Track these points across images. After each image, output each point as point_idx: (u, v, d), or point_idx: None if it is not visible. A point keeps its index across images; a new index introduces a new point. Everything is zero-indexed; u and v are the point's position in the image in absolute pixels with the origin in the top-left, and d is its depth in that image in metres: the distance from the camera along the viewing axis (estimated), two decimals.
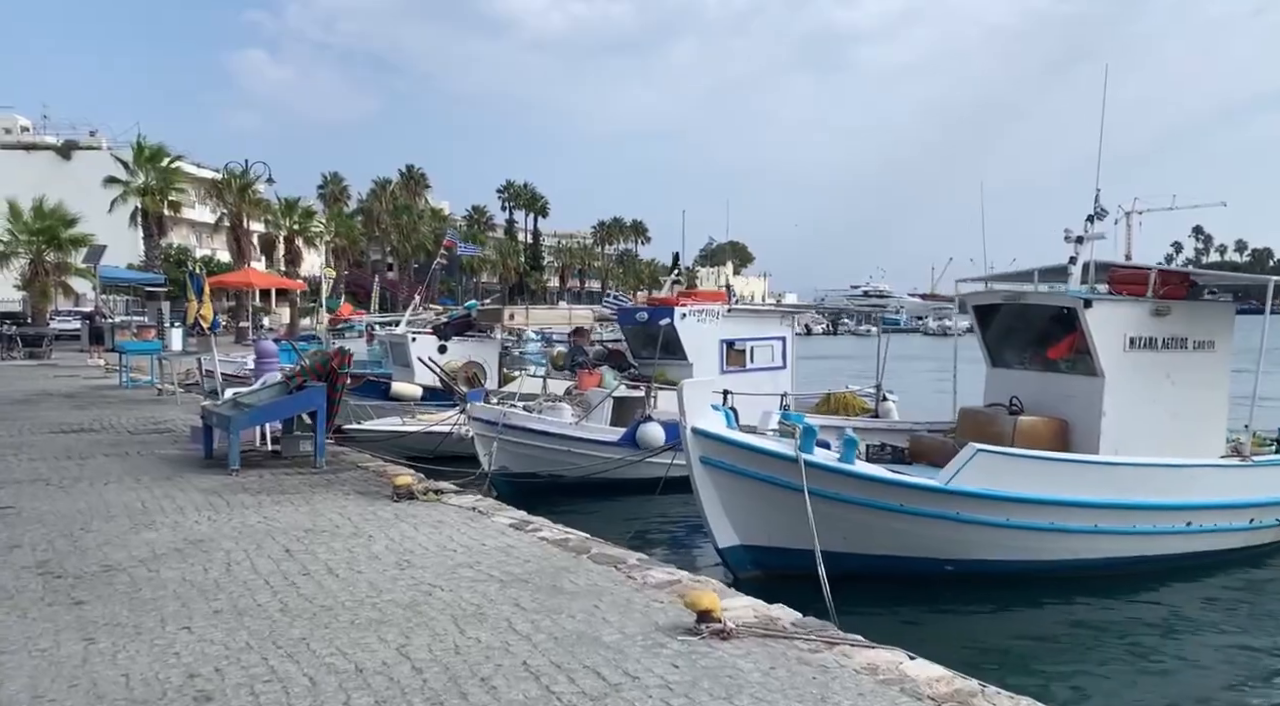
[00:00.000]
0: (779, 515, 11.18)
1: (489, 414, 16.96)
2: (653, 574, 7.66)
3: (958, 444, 13.06)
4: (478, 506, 10.53)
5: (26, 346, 38.99)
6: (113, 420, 18.73)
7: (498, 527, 9.54)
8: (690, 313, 19.41)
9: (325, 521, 9.77)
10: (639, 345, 20.94)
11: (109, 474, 12.60)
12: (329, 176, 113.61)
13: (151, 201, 54.84)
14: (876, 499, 11.04)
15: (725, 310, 19.92)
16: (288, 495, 11.21)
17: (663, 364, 19.28)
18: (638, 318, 20.71)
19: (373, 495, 11.24)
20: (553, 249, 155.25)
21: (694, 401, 11.34)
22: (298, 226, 75.26)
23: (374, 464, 13.79)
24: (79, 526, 9.50)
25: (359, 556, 8.34)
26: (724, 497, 11.41)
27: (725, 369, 19.48)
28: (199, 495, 11.16)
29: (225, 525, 9.58)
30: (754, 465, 11.15)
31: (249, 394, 14.55)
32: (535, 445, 17.13)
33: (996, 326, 14.46)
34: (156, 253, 58.00)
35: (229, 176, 61.62)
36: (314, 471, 12.91)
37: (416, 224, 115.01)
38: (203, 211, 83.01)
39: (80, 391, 25.12)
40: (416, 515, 10.09)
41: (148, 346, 29.37)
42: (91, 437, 16.19)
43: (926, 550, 11.33)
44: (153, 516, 9.98)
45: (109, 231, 50.03)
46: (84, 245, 46.13)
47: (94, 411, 20.38)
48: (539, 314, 26.97)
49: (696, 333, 19.35)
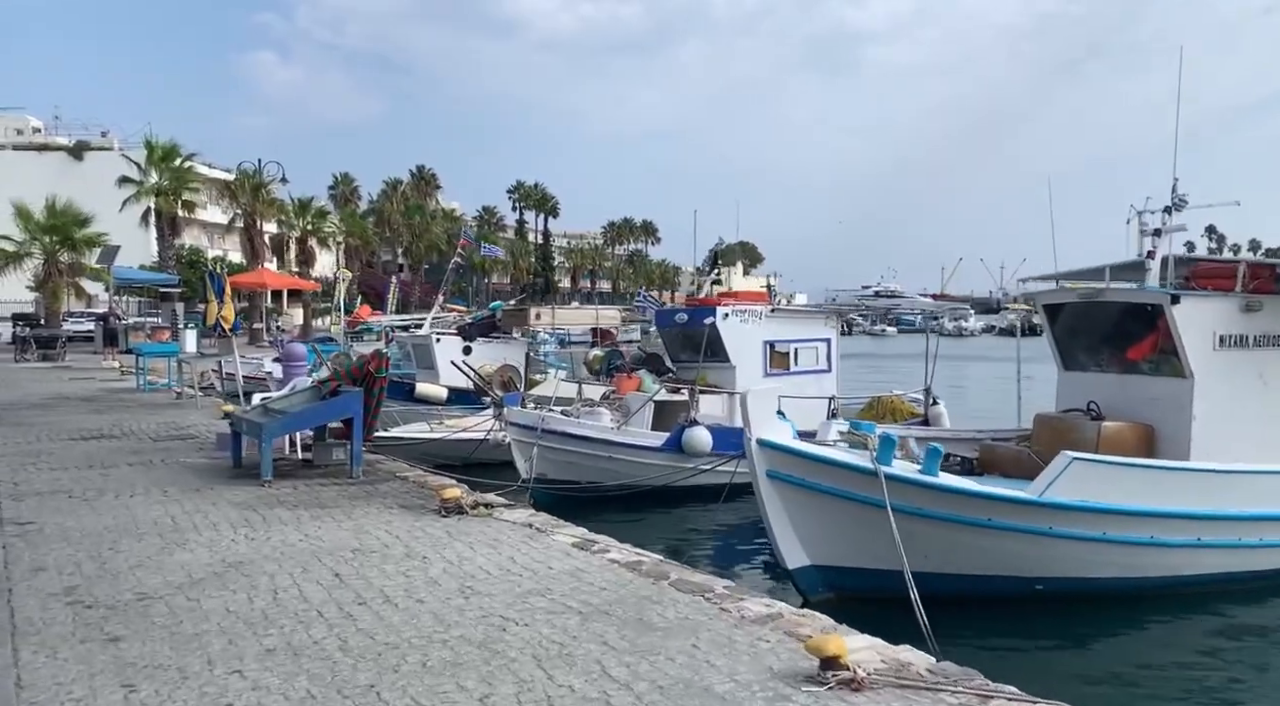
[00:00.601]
0: (854, 533, 10.42)
1: (527, 419, 16.23)
2: (748, 606, 6.89)
3: (1034, 453, 12.30)
4: (533, 522, 9.77)
5: (40, 348, 38.34)
6: (133, 425, 18.03)
7: (560, 547, 8.78)
8: (732, 313, 18.62)
9: (372, 540, 9.02)
10: (677, 348, 20.16)
11: (134, 485, 11.88)
12: (339, 177, 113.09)
13: (165, 201, 54.17)
14: (963, 513, 10.25)
15: (768, 311, 19.10)
16: (327, 509, 10.47)
17: (704, 367, 18.51)
18: (677, 319, 19.90)
19: (418, 509, 10.50)
20: (563, 249, 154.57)
21: (758, 411, 10.58)
22: (311, 227, 74.56)
23: (413, 474, 13.04)
24: (107, 546, 8.77)
25: (416, 581, 7.60)
26: (793, 514, 10.64)
27: (768, 372, 18.71)
28: (232, 509, 10.43)
29: (264, 544, 8.84)
30: (827, 479, 10.38)
31: (279, 399, 13.82)
32: (575, 451, 16.40)
33: (1070, 326, 13.66)
34: (170, 253, 57.35)
35: (242, 176, 61.00)
36: (351, 482, 12.17)
37: (429, 224, 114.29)
38: (214, 212, 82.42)
39: (97, 395, 24.45)
40: (469, 533, 9.34)
41: (165, 348, 28.66)
42: (113, 445, 15.48)
43: (1015, 568, 10.53)
44: (185, 534, 9.25)
45: (121, 232, 49.41)
46: (97, 245, 45.50)
47: (113, 416, 19.68)
48: (565, 315, 26.26)
49: (739, 334, 18.57)
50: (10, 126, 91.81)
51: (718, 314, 18.45)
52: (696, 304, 19.78)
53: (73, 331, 45.71)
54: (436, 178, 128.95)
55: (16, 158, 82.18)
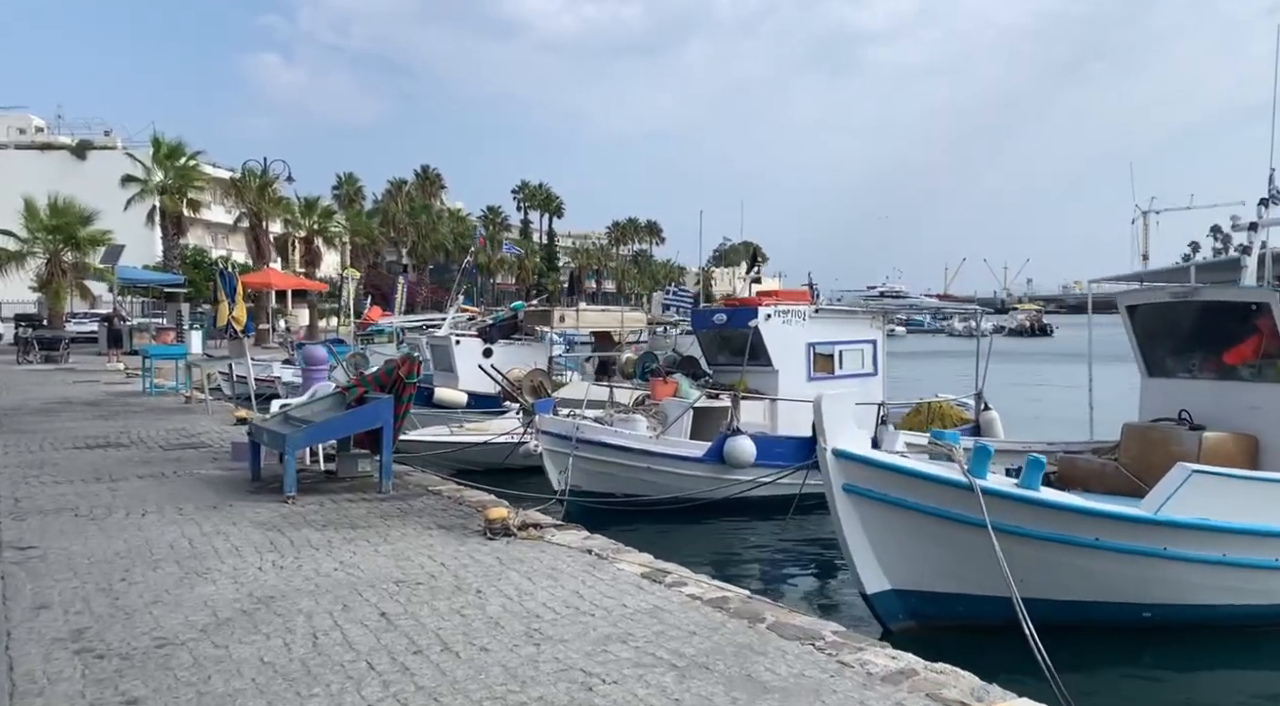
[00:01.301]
0: (943, 554, 9.45)
1: (561, 427, 15.25)
2: (870, 658, 5.90)
3: (1122, 466, 11.31)
4: (591, 547, 8.79)
5: (43, 350, 37.42)
6: (141, 432, 17.06)
7: (629, 579, 7.79)
8: (775, 313, 17.57)
9: (416, 568, 8.05)
10: (715, 350, 19.15)
11: (145, 500, 10.91)
12: (344, 177, 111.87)
13: (170, 200, 53.24)
14: (1068, 532, 9.24)
15: (812, 311, 18.06)
16: (359, 530, 9.49)
17: (747, 370, 17.50)
18: (715, 320, 18.84)
19: (459, 530, 9.52)
20: (568, 249, 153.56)
21: (834, 417, 9.60)
22: (317, 226, 73.59)
23: (446, 487, 12.05)
24: (119, 576, 7.80)
25: (474, 622, 6.62)
26: (873, 534, 9.66)
27: (812, 376, 17.68)
28: (255, 530, 9.46)
29: (296, 574, 7.87)
30: (913, 494, 9.39)
31: (300, 406, 12.85)
32: (611, 461, 15.41)
33: (1155, 329, 12.64)
34: (175, 253, 56.44)
35: (249, 175, 60.01)
36: (381, 498, 11.19)
37: (436, 224, 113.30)
38: (218, 211, 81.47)
39: (102, 399, 23.48)
40: (522, 559, 8.36)
41: (173, 350, 27.74)
42: (121, 454, 14.51)
43: (1123, 593, 9.53)
44: (206, 561, 8.28)
45: (125, 231, 48.42)
46: (101, 244, 44.54)
47: (120, 422, 18.73)
48: (591, 316, 25.19)
49: (782, 336, 17.54)
50: (12, 125, 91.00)
51: (759, 315, 17.42)
52: (736, 304, 18.72)
53: (76, 332, 44.82)
54: (441, 178, 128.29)
55: (19, 157, 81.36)
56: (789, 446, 15.98)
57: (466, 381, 24.04)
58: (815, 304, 18.37)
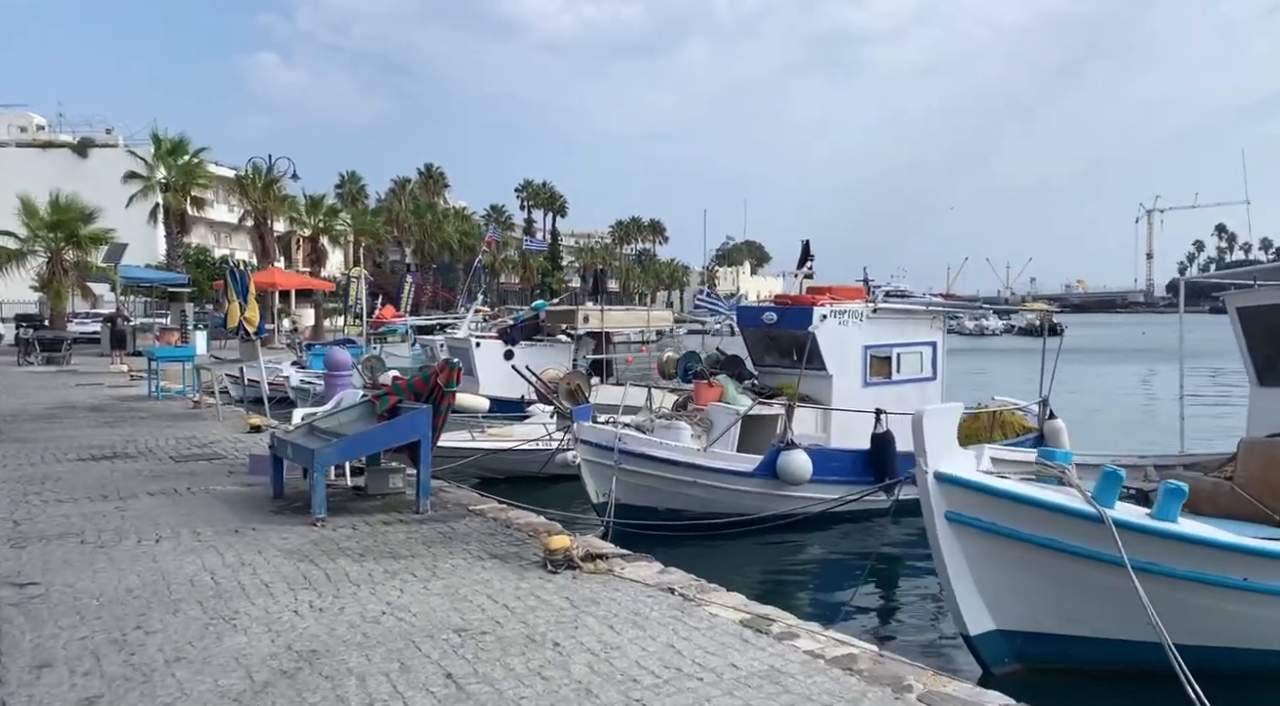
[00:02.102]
0: (1060, 592, 8.37)
1: (602, 437, 14.15)
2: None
3: (1239, 487, 10.21)
4: (672, 585, 7.70)
5: (45, 351, 36.34)
6: (150, 441, 15.99)
7: (728, 628, 6.69)
8: (831, 313, 16.38)
9: (476, 612, 6.96)
10: (762, 351, 17.95)
11: (159, 523, 9.84)
12: (346, 176, 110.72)
13: (174, 197, 52.13)
14: (1214, 572, 8.14)
15: (870, 311, 16.90)
16: (402, 561, 8.41)
17: (794, 374, 16.43)
18: (764, 319, 17.55)
19: (514, 561, 8.44)
20: (572, 249, 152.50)
21: (937, 435, 8.51)
22: (322, 225, 72.50)
23: (488, 505, 10.94)
24: (133, 622, 6.72)
25: (561, 689, 5.53)
26: (977, 568, 8.56)
27: (868, 381, 16.56)
28: (284, 561, 8.38)
29: (338, 619, 6.78)
30: (1028, 525, 8.30)
31: (326, 416, 11.76)
32: (654, 474, 14.32)
33: (1273, 334, 11.53)
34: (178, 251, 55.34)
35: (253, 172, 58.94)
36: (419, 519, 10.11)
37: (441, 223, 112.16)
38: (220, 210, 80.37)
39: (106, 403, 22.41)
40: (597, 601, 7.27)
41: (180, 352, 26.62)
42: (129, 467, 13.44)
43: (1270, 640, 8.44)
44: (232, 601, 7.20)
45: (127, 230, 47.33)
46: (103, 243, 43.45)
47: (126, 429, 17.66)
48: (616, 316, 24.06)
49: (838, 338, 16.32)
50: (13, 123, 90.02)
51: (814, 316, 16.26)
52: (788, 302, 17.51)
53: (78, 333, 43.74)
54: (445, 176, 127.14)
55: (19, 155, 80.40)
56: (845, 461, 14.90)
57: (487, 385, 22.97)
58: (872, 303, 17.09)
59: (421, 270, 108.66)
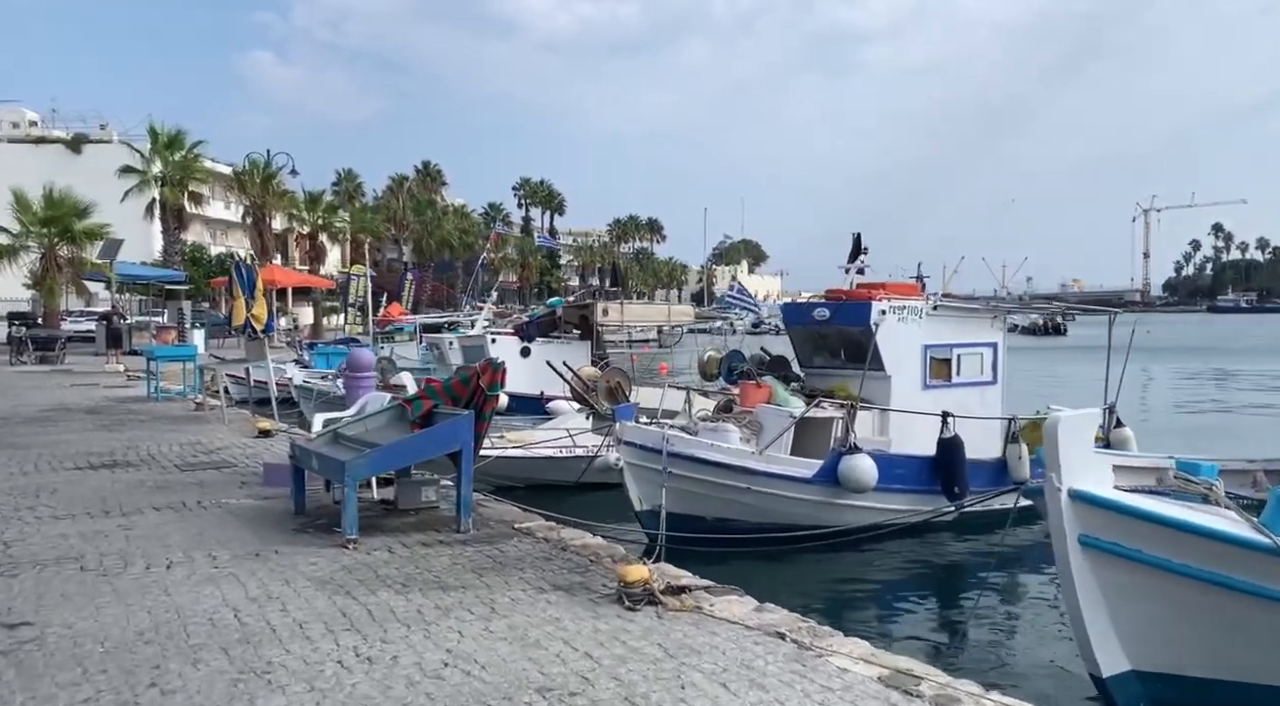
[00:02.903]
0: (1213, 630, 7.22)
1: (649, 439, 12.98)
2: None
3: None
4: (779, 628, 6.54)
5: (38, 350, 35.14)
6: (152, 447, 14.85)
7: (867, 687, 5.53)
8: (891, 309, 15.11)
9: (554, 662, 5.82)
10: (810, 350, 16.66)
11: (168, 544, 8.69)
12: (343, 173, 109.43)
13: (171, 192, 50.85)
14: None
15: (929, 308, 15.60)
16: (452, 592, 7.26)
17: (846, 375, 15.28)
18: (815, 315, 16.13)
19: (581, 593, 7.30)
20: (570, 247, 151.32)
21: (1072, 446, 7.39)
22: (321, 221, 71.27)
23: (533, 522, 9.81)
24: (146, 679, 5.57)
25: None
26: (1114, 600, 7.42)
27: (928, 383, 15.41)
28: (317, 593, 7.23)
29: (392, 673, 5.64)
30: (1180, 553, 7.15)
31: (352, 423, 10.58)
32: (705, 479, 13.16)
33: None
34: (176, 248, 54.09)
35: (252, 166, 57.60)
36: (461, 539, 8.97)
37: (440, 220, 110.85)
38: (216, 207, 79.02)
39: (104, 405, 21.25)
40: (695, 649, 6.12)
41: (180, 351, 25.48)
42: (131, 476, 12.29)
43: None
44: (262, 647, 6.05)
45: (122, 226, 45.93)
46: (99, 239, 42.12)
47: (126, 433, 16.52)
48: (637, 310, 22.82)
49: (897, 336, 15.03)
50: (5, 119, 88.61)
51: (873, 311, 15.02)
52: (841, 297, 16.03)
53: (73, 331, 42.48)
54: (442, 174, 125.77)
55: (12, 151, 78.81)
56: (911, 468, 13.77)
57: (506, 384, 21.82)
58: (931, 299, 15.87)
59: (421, 268, 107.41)
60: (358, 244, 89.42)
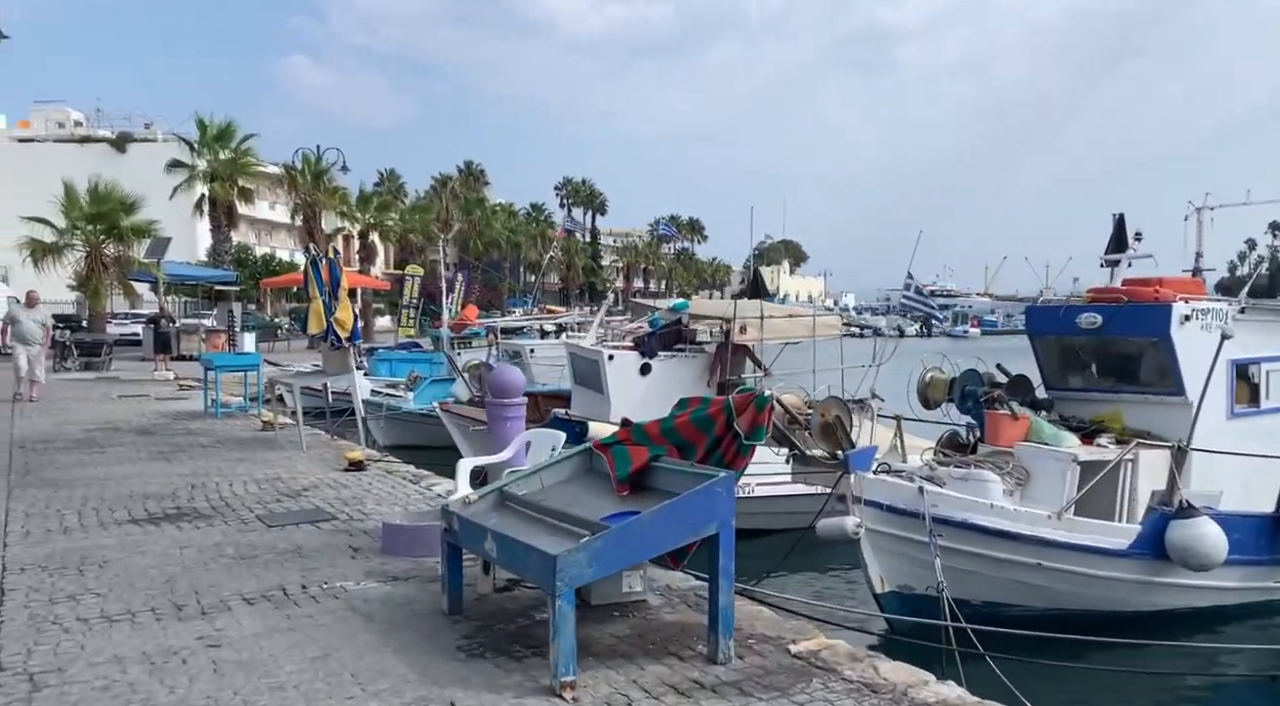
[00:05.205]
0: None
1: (900, 498, 9.79)
2: None
3: None
4: None
5: (83, 355, 32.47)
6: (223, 484, 11.91)
7: None
8: (1194, 313, 11.61)
9: None
10: (1066, 367, 13.29)
11: (278, 678, 5.66)
12: (385, 173, 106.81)
13: (220, 188, 48.11)
14: None
15: (1236, 311, 11.95)
16: None
17: (1123, 400, 11.97)
18: (1081, 322, 12.50)
19: None
20: (612, 248, 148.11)
21: None
22: (373, 220, 68.39)
23: (815, 644, 6.61)
24: None
25: None
26: None
27: (1234, 411, 11.93)
28: None
29: None
30: None
31: (521, 477, 7.38)
32: (972, 552, 9.96)
33: None
34: (225, 247, 51.37)
35: (305, 162, 54.75)
36: (728, 681, 5.80)
37: (490, 219, 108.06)
38: (260, 207, 76.40)
39: (156, 423, 18.36)
40: None
41: (244, 360, 22.57)
42: (204, 536, 9.27)
43: None
44: None
45: (168, 225, 43.26)
46: (146, 235, 39.34)
47: (187, 464, 13.59)
48: (778, 323, 19.30)
49: (1199, 349, 11.26)
50: (50, 119, 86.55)
51: (1173, 315, 11.51)
52: (1119, 297, 12.40)
53: (119, 335, 39.82)
54: (485, 173, 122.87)
55: (57, 151, 76.54)
56: (1252, 531, 10.38)
57: (620, 408, 18.46)
58: (1235, 302, 12.23)
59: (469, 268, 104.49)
60: (405, 244, 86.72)
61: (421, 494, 11.62)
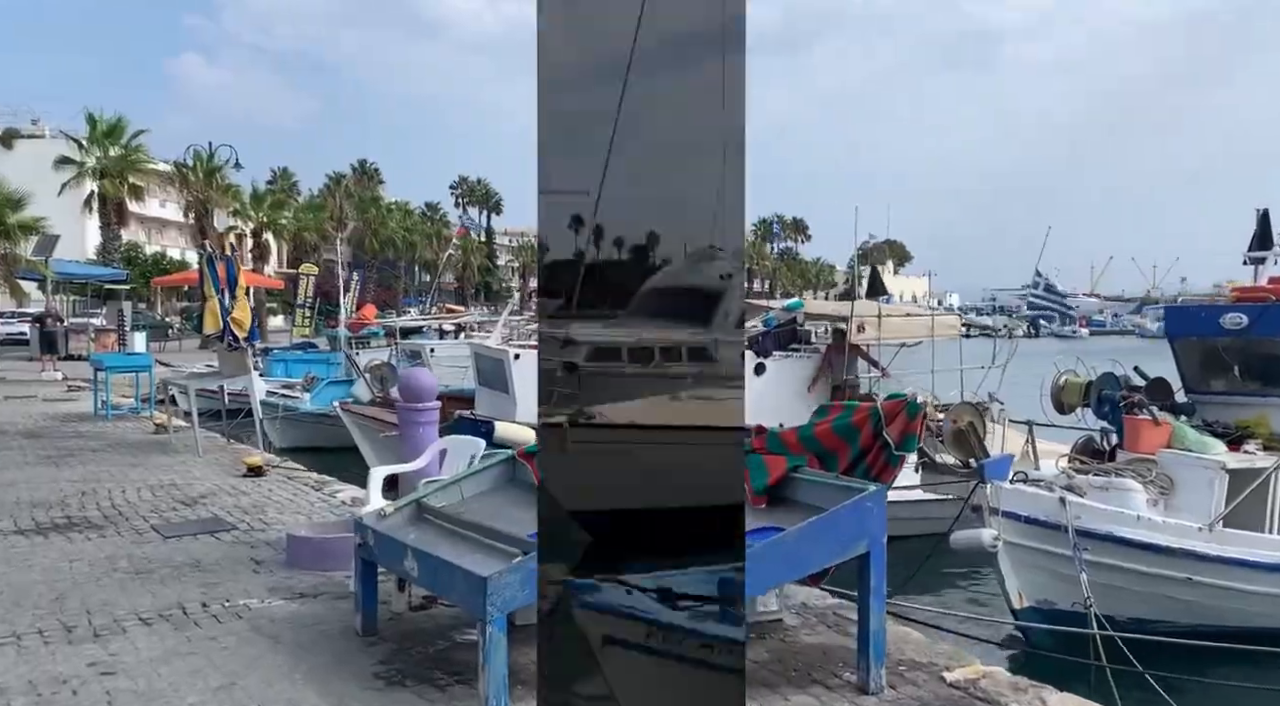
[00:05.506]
0: None
1: (1040, 509, 9.54)
2: None
3: None
4: None
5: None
6: (115, 492, 11.36)
7: None
8: None
9: None
10: (1208, 370, 12.81)
11: (174, 696, 5.26)
12: (278, 172, 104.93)
13: (110, 185, 46.63)
14: None
15: None
16: None
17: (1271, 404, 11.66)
18: (1226, 323, 11.96)
19: None
20: (506, 247, 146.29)
21: None
22: (266, 218, 66.93)
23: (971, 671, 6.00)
24: None
25: None
26: None
27: None
28: None
29: None
30: None
31: (439, 488, 6.98)
32: (1118, 567, 9.68)
33: None
34: (115, 245, 49.80)
35: (196, 159, 53.30)
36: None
37: (385, 218, 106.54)
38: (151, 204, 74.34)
39: (45, 426, 17.61)
40: None
41: (134, 361, 21.73)
42: (96, 549, 8.74)
43: None
44: None
45: (56, 224, 41.79)
46: (33, 233, 37.96)
47: (77, 469, 13.00)
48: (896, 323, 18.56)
49: None
50: None
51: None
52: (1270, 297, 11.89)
53: (4, 334, 38.34)
54: (379, 172, 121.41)
55: None
56: None
57: (527, 409, 17.99)
58: None
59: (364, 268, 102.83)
60: (300, 242, 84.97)
61: (325, 501, 11.16)
